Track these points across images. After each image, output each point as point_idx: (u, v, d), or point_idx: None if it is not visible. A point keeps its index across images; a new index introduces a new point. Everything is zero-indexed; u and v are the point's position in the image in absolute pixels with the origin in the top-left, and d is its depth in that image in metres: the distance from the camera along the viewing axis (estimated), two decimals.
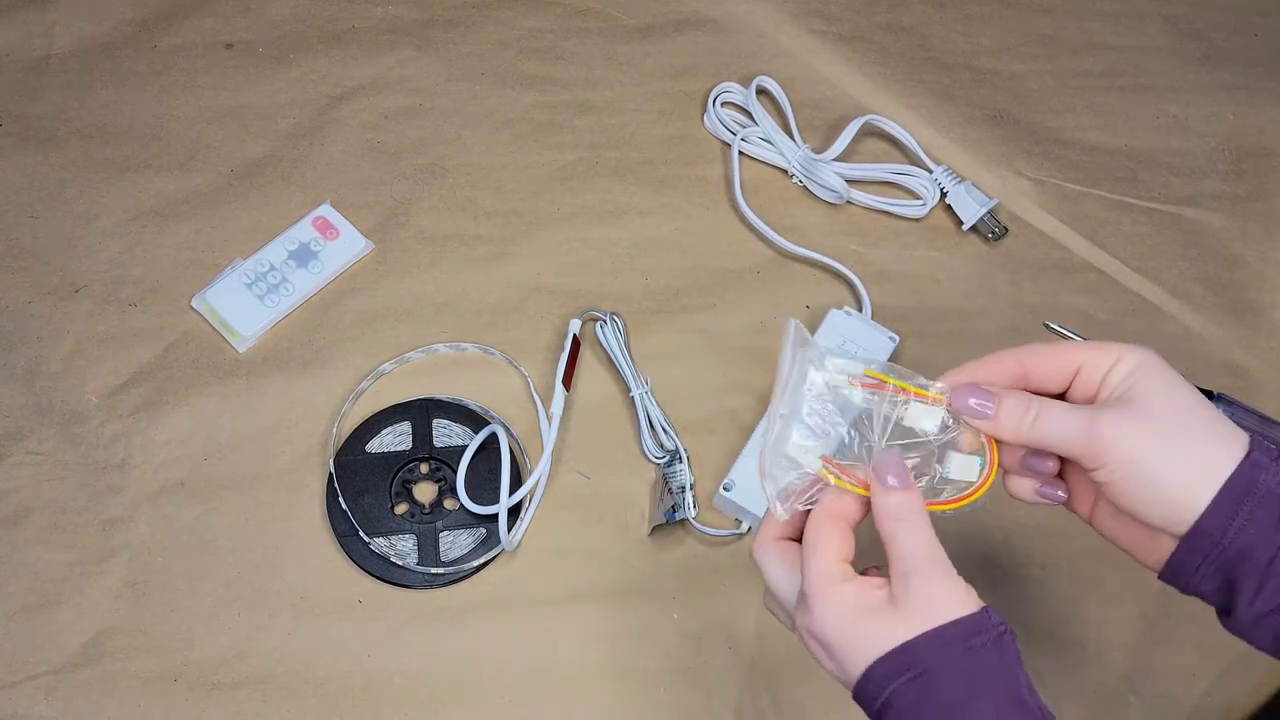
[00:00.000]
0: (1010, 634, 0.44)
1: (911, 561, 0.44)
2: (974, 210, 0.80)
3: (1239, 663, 0.70)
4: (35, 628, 0.64)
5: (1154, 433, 0.44)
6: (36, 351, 0.71)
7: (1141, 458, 0.44)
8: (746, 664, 0.67)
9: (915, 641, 0.42)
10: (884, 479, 0.46)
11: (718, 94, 0.83)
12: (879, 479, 0.46)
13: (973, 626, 0.43)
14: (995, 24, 0.91)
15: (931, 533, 0.45)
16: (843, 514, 0.47)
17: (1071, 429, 0.45)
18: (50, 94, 0.80)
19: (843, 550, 0.46)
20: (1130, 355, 0.46)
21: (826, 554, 0.45)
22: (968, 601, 0.44)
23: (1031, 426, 0.46)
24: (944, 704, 0.42)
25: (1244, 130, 0.88)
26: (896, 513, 0.45)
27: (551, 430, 0.70)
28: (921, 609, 0.43)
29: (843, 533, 0.46)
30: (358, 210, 0.78)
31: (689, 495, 0.69)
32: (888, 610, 0.44)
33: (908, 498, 0.45)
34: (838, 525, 0.46)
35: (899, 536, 0.45)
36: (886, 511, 0.45)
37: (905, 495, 0.45)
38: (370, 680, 0.64)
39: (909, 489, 0.46)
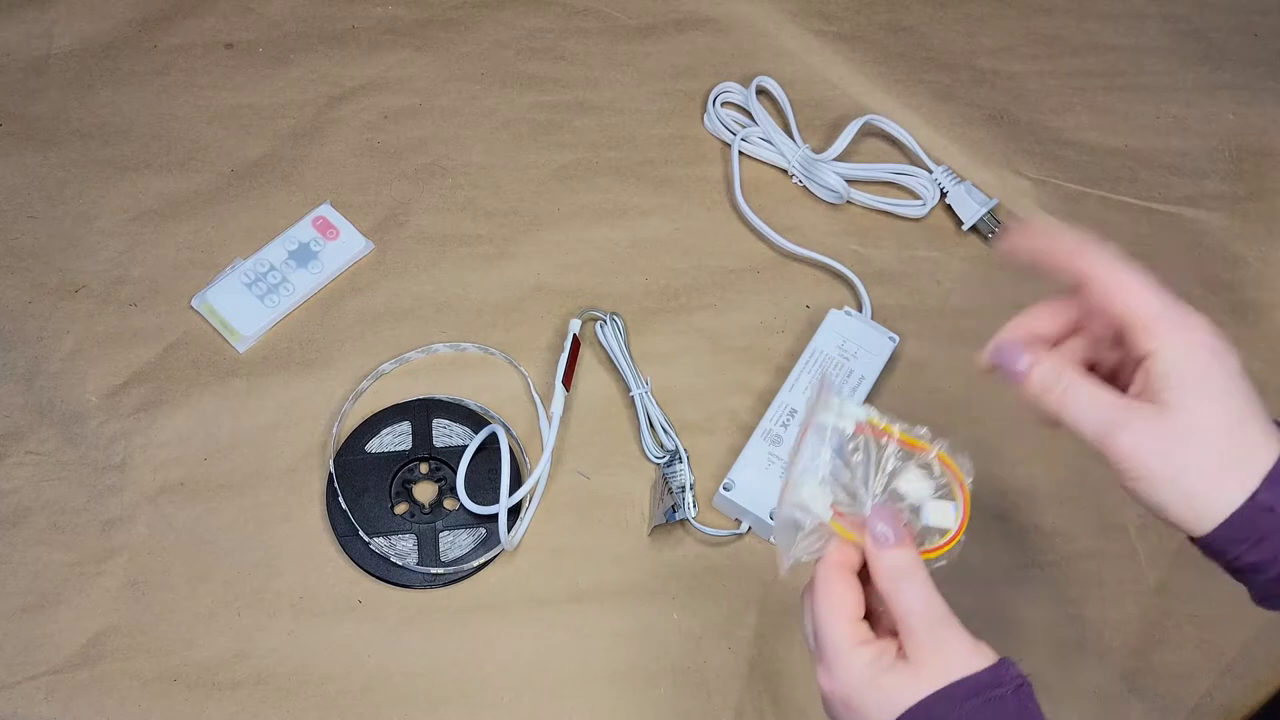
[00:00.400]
0: (1028, 684, 0.44)
1: (916, 619, 0.44)
2: (974, 210, 0.80)
3: (1239, 663, 0.70)
4: (35, 628, 0.64)
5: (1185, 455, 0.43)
6: (36, 351, 0.71)
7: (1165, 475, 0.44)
8: (746, 664, 0.67)
9: (934, 697, 0.43)
10: (877, 536, 0.46)
11: (718, 94, 0.83)
12: (873, 537, 0.46)
13: (991, 680, 0.43)
14: (995, 24, 0.91)
15: (931, 587, 0.45)
16: (847, 563, 0.47)
17: (1091, 425, 0.45)
18: (50, 94, 0.80)
19: (855, 608, 0.46)
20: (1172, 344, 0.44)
21: (841, 616, 0.46)
22: (980, 653, 0.44)
23: (1057, 399, 0.46)
24: None
25: (1244, 130, 0.88)
26: (893, 572, 0.45)
27: (551, 430, 0.70)
28: (936, 665, 0.43)
29: (852, 585, 0.46)
30: (358, 210, 0.78)
31: (689, 495, 0.69)
32: (903, 669, 0.44)
33: (903, 555, 0.45)
34: (845, 577, 0.46)
35: (898, 596, 0.45)
36: (882, 571, 0.45)
37: (900, 552, 0.45)
38: (370, 680, 0.64)
39: (903, 545, 0.46)
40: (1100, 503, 0.73)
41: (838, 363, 0.73)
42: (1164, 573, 0.72)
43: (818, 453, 0.49)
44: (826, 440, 0.49)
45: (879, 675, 0.44)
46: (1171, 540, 0.73)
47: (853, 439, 0.49)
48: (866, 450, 0.49)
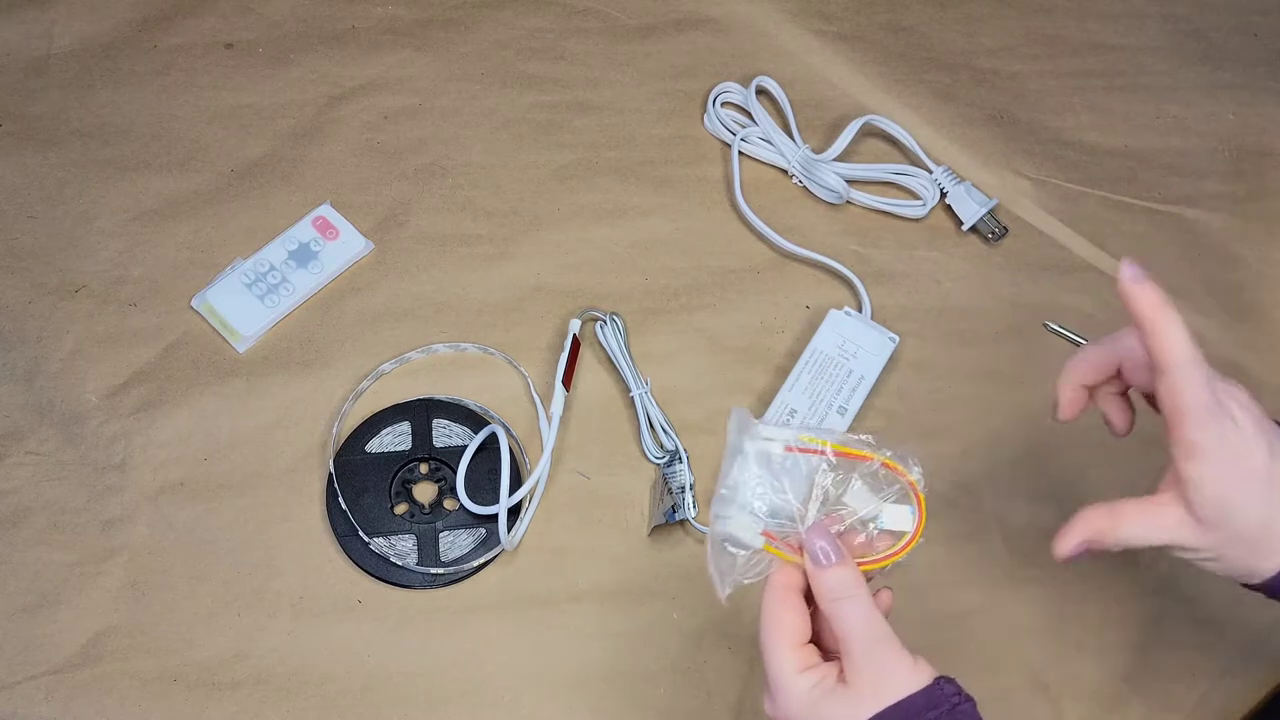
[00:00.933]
0: (964, 702, 0.44)
1: (856, 640, 0.44)
2: (974, 210, 0.80)
3: (1239, 663, 0.70)
4: (35, 628, 0.64)
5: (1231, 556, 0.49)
6: (36, 351, 0.71)
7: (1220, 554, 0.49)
8: (746, 664, 0.67)
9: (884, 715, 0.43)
10: (815, 555, 0.46)
11: (718, 94, 0.83)
12: (810, 555, 0.46)
13: (925, 701, 0.43)
14: (995, 24, 0.91)
15: (872, 607, 0.45)
16: (791, 585, 0.47)
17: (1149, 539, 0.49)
18: (50, 94, 0.80)
19: (799, 633, 0.47)
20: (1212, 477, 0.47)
21: (783, 643, 0.46)
22: (918, 674, 0.44)
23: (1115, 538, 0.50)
24: None
25: (1244, 130, 0.88)
26: (833, 591, 0.45)
27: (551, 430, 0.70)
28: (873, 687, 0.44)
29: (794, 609, 0.47)
30: (358, 210, 0.78)
31: (689, 495, 0.69)
32: (841, 694, 0.44)
33: (842, 573, 0.46)
34: (789, 600, 0.47)
35: (841, 615, 0.45)
36: (824, 590, 0.46)
37: (840, 571, 0.46)
38: (370, 680, 0.65)
39: (843, 563, 0.46)
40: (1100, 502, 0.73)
41: (838, 363, 0.73)
42: (1164, 573, 0.72)
43: (742, 480, 0.49)
44: (751, 466, 0.49)
45: (818, 703, 0.44)
46: None
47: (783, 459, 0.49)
48: (797, 470, 0.49)
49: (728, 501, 0.49)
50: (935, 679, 0.44)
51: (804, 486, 0.49)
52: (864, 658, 0.44)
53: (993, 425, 0.75)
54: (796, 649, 0.46)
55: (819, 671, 0.45)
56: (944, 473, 0.73)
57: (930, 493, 0.72)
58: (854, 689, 0.44)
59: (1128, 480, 0.75)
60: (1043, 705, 0.67)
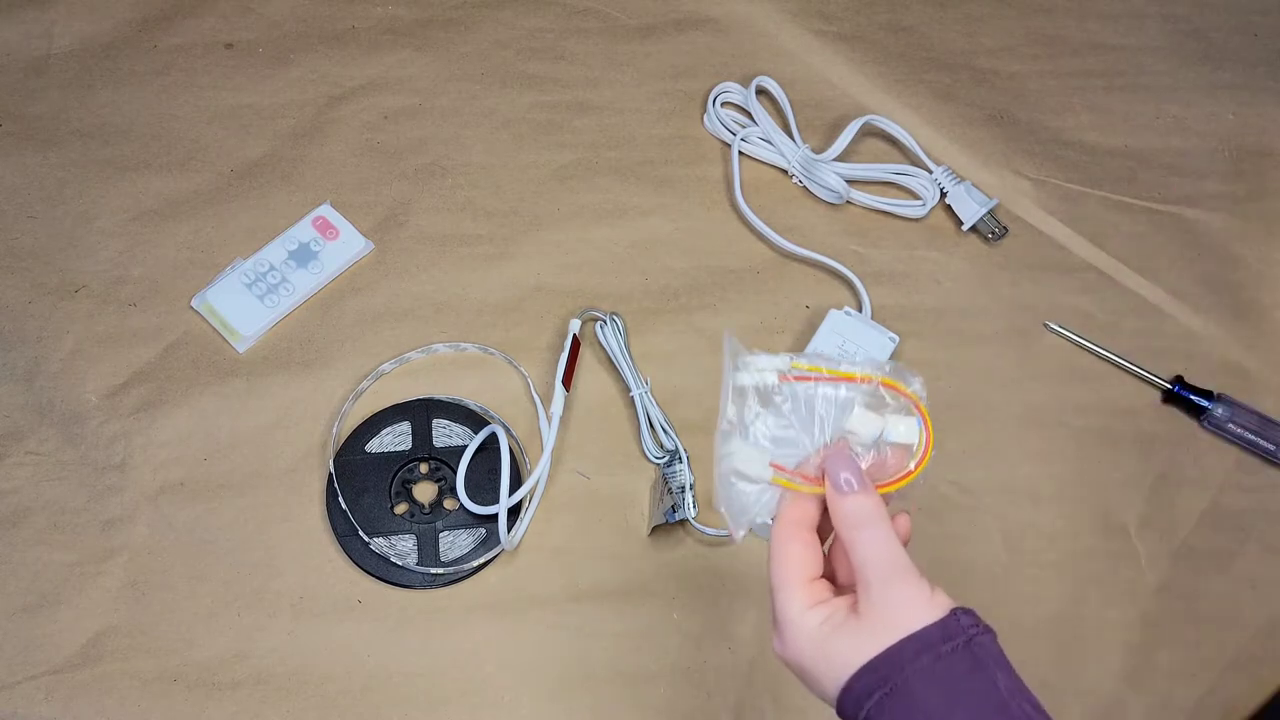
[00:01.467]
0: (983, 634, 0.42)
1: (874, 569, 0.43)
2: (974, 210, 0.80)
3: (1239, 663, 0.70)
4: (35, 628, 0.64)
5: None
6: (36, 351, 0.71)
7: None
8: (746, 664, 0.67)
9: (883, 657, 0.41)
10: (838, 482, 0.44)
11: (718, 94, 0.83)
12: (833, 482, 0.44)
13: (940, 633, 0.41)
14: (995, 24, 0.91)
15: (892, 535, 0.43)
16: (803, 520, 0.45)
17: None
18: (50, 94, 0.80)
19: (809, 568, 0.45)
20: None
21: (793, 579, 0.44)
22: (934, 606, 0.42)
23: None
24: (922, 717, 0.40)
25: (1244, 130, 0.88)
26: (854, 519, 0.44)
27: (551, 430, 0.70)
28: (887, 620, 0.42)
29: (806, 545, 0.45)
30: (358, 210, 0.78)
31: (689, 495, 0.69)
32: (853, 628, 0.42)
33: (865, 501, 0.44)
34: (800, 536, 0.45)
35: (860, 543, 0.43)
36: (843, 517, 0.44)
37: (862, 498, 0.44)
38: (370, 680, 0.64)
39: (865, 490, 0.44)
40: (1100, 503, 0.73)
41: None
42: (1164, 573, 0.72)
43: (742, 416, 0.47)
44: (750, 400, 0.47)
45: (828, 639, 0.43)
46: (1171, 540, 0.73)
47: (779, 390, 0.47)
48: (796, 399, 0.48)
49: (729, 436, 0.47)
50: (952, 610, 0.42)
51: (806, 414, 0.47)
52: (880, 588, 0.42)
53: (993, 425, 0.75)
54: (805, 584, 0.44)
55: (829, 606, 0.44)
56: (944, 473, 0.73)
57: (930, 492, 0.73)
58: (867, 621, 0.42)
59: (1128, 480, 0.75)
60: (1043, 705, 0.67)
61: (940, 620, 0.42)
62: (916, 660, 0.41)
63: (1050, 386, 0.77)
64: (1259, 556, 0.73)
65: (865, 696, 0.41)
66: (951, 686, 0.40)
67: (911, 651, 0.41)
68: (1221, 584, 0.72)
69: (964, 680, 0.41)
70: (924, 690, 0.40)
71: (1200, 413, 0.76)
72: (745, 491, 0.47)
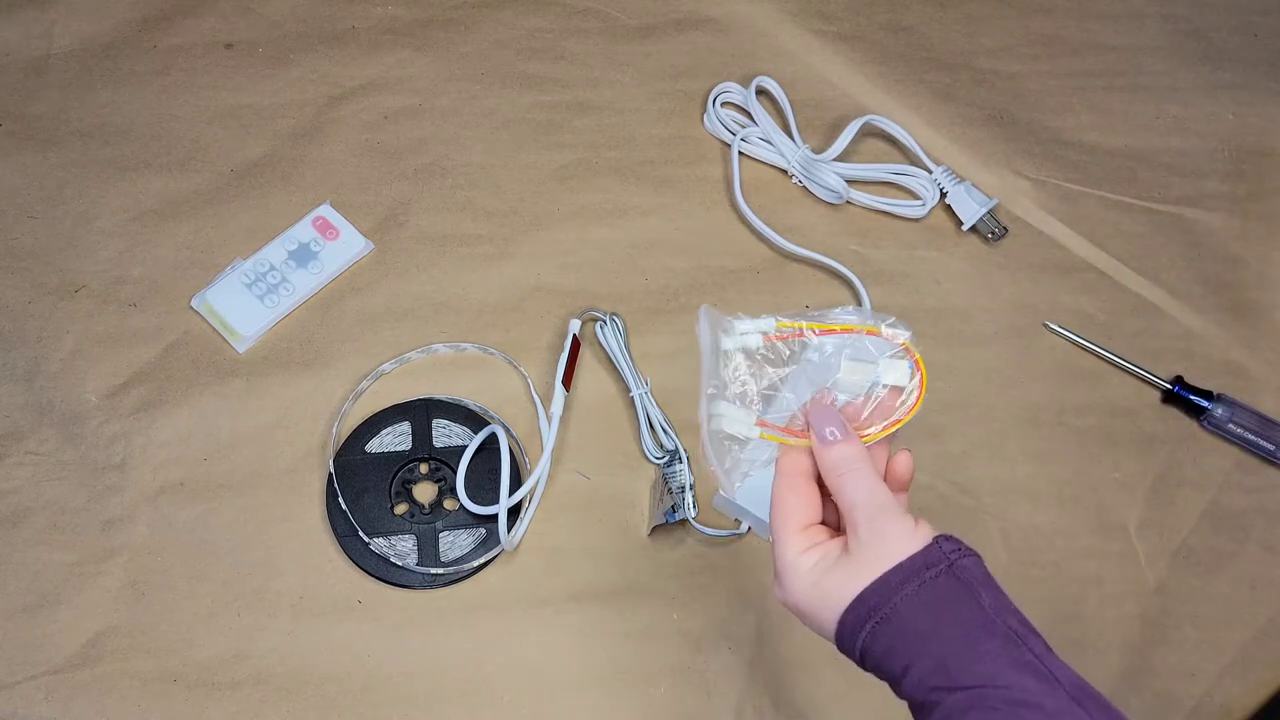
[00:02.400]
0: (964, 557, 0.44)
1: (860, 510, 0.45)
2: (974, 210, 0.80)
3: (1239, 663, 0.70)
4: (35, 628, 0.64)
5: None
6: (36, 351, 0.71)
7: None
8: (746, 664, 0.67)
9: (871, 588, 0.43)
10: (822, 433, 0.47)
11: (718, 94, 0.83)
12: (817, 434, 0.47)
13: (923, 561, 0.44)
14: (995, 24, 0.91)
15: (876, 478, 0.46)
16: (800, 470, 0.48)
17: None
18: (50, 94, 0.80)
19: (807, 515, 0.47)
20: None
21: (790, 526, 0.47)
22: (918, 537, 0.44)
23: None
24: (913, 639, 0.43)
25: (1244, 130, 0.88)
26: (838, 465, 0.46)
27: (551, 430, 0.70)
28: (876, 555, 0.44)
29: (802, 494, 0.47)
30: (357, 210, 0.78)
31: (689, 495, 0.69)
32: (844, 565, 0.45)
33: (847, 448, 0.46)
34: (798, 485, 0.47)
35: (845, 488, 0.46)
36: (829, 466, 0.46)
37: (845, 446, 0.46)
38: (370, 680, 0.64)
39: (848, 438, 0.47)
40: (1100, 503, 0.73)
41: None
42: (1164, 573, 0.72)
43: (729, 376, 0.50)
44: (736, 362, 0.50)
45: (822, 578, 0.45)
46: (1171, 540, 0.73)
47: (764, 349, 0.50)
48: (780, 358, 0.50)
49: (716, 399, 0.49)
50: (934, 538, 0.44)
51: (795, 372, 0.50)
52: (867, 526, 0.44)
53: (993, 425, 0.75)
54: (801, 531, 0.46)
55: (821, 549, 0.46)
56: (944, 473, 0.73)
57: (930, 492, 0.73)
58: (856, 558, 0.44)
59: (1128, 480, 0.75)
60: None
61: (923, 549, 0.44)
62: (903, 588, 0.43)
63: (1050, 386, 0.77)
64: (1259, 556, 0.73)
65: (859, 627, 0.44)
66: (937, 608, 0.43)
67: (897, 580, 0.43)
68: (1221, 584, 0.72)
69: (948, 602, 0.43)
70: (911, 615, 0.43)
71: (1200, 413, 0.76)
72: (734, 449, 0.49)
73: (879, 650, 0.43)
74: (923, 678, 0.42)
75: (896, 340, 0.49)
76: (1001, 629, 0.42)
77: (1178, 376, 0.77)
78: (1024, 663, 0.42)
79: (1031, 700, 0.40)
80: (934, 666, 0.42)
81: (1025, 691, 0.41)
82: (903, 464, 0.49)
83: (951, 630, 0.42)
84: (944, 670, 0.42)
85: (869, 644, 0.44)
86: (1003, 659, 0.42)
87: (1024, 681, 0.41)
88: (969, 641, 0.42)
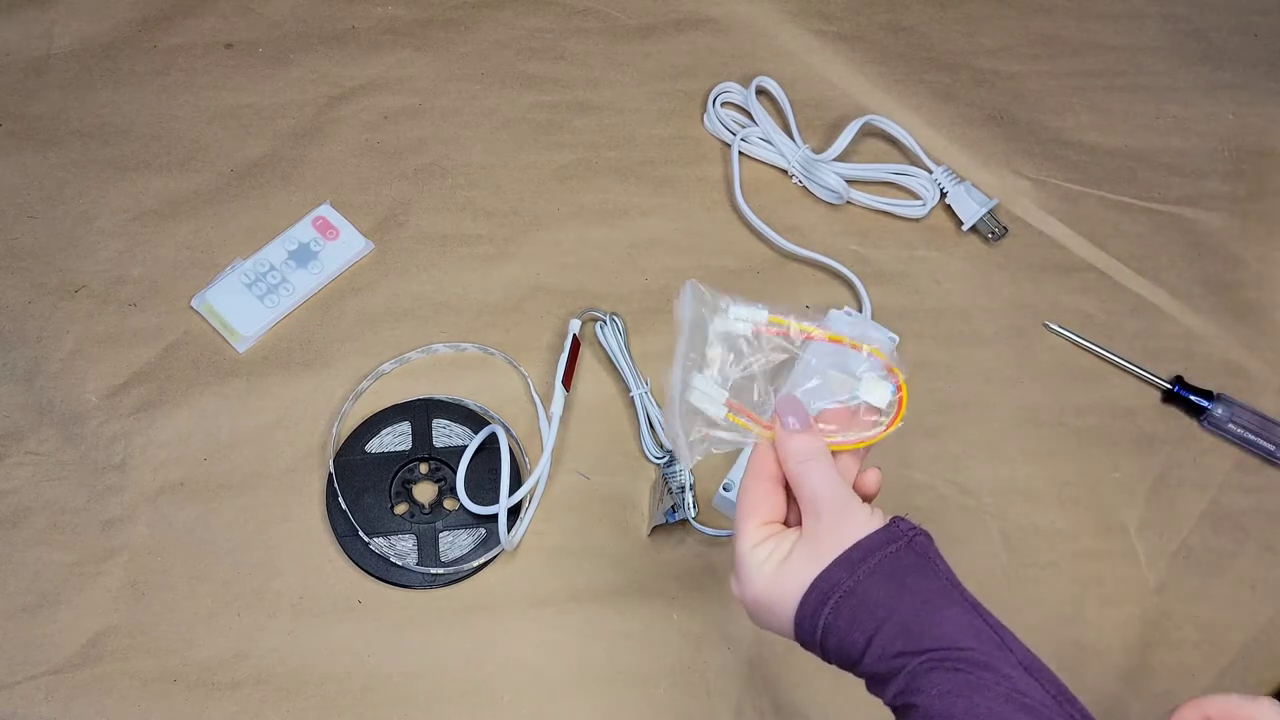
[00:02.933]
0: (920, 535, 0.46)
1: (819, 499, 0.46)
2: (974, 210, 0.80)
3: (1239, 663, 0.70)
4: (35, 628, 0.64)
5: None
6: (36, 351, 0.71)
7: None
8: (746, 664, 0.67)
9: (834, 564, 0.45)
10: (785, 421, 0.48)
11: (718, 94, 0.83)
12: (781, 422, 0.48)
13: (885, 537, 0.45)
14: (995, 24, 0.91)
15: (834, 470, 0.47)
16: (769, 473, 0.48)
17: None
18: (50, 94, 0.80)
19: (770, 512, 0.48)
20: None
21: (749, 520, 0.48)
22: (874, 520, 0.46)
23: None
24: (877, 608, 0.44)
25: (1244, 130, 0.88)
26: (799, 454, 0.47)
27: (551, 430, 0.70)
28: (835, 537, 0.45)
29: (765, 493, 0.48)
30: (358, 210, 0.78)
31: (689, 495, 0.69)
32: (803, 549, 0.46)
33: (809, 439, 0.48)
34: (764, 484, 0.48)
35: (804, 477, 0.47)
36: (790, 454, 0.48)
37: (807, 437, 0.48)
38: (370, 680, 0.64)
39: (810, 431, 0.48)
40: (1100, 503, 0.73)
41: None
42: (1164, 573, 0.72)
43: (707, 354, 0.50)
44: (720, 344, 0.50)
45: (780, 566, 0.46)
46: (1171, 540, 0.73)
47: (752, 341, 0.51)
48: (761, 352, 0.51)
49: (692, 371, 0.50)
50: (892, 519, 0.46)
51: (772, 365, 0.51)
52: (827, 513, 0.46)
53: (993, 425, 0.75)
54: (760, 527, 0.48)
55: (776, 539, 0.47)
56: (944, 473, 0.73)
57: (930, 492, 0.73)
58: (814, 542, 0.46)
59: (1128, 480, 0.75)
60: None
61: (883, 527, 0.46)
62: (865, 562, 0.45)
63: (1050, 386, 0.77)
64: (1259, 556, 0.73)
65: (822, 604, 0.45)
66: (900, 578, 0.44)
67: (859, 556, 0.45)
68: (1221, 584, 0.72)
69: (910, 571, 0.45)
70: (875, 587, 0.44)
71: (1200, 413, 0.76)
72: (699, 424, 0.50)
73: (842, 625, 0.44)
74: (886, 645, 0.44)
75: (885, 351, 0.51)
76: (958, 598, 0.44)
77: (1178, 376, 0.77)
78: (982, 630, 0.44)
79: (992, 664, 0.42)
80: (897, 632, 0.43)
81: (985, 655, 0.43)
82: (871, 479, 0.50)
83: (913, 597, 0.44)
84: (907, 634, 0.43)
85: (831, 620, 0.44)
86: (963, 624, 0.44)
87: (984, 646, 0.43)
88: (931, 606, 0.44)
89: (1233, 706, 0.47)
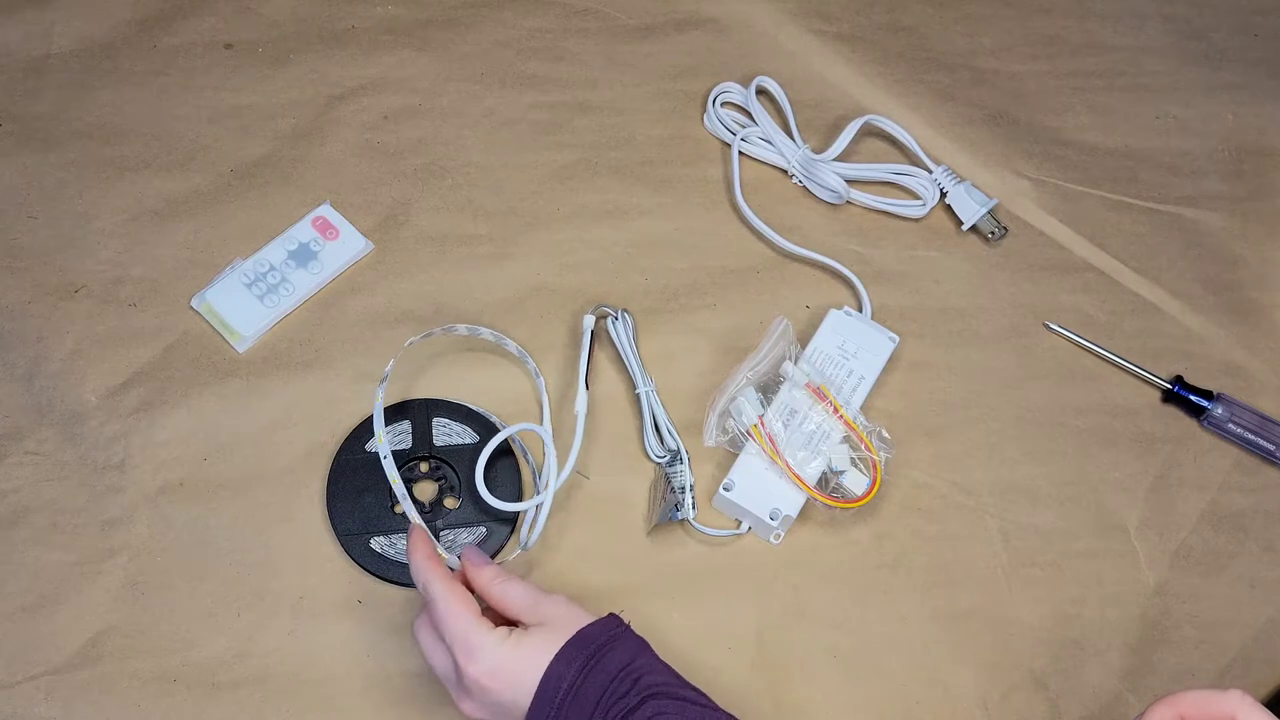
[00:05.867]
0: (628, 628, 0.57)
1: (529, 600, 0.56)
2: (974, 210, 0.80)
3: (1238, 663, 0.70)
4: (35, 628, 0.64)
5: None
6: (36, 351, 0.71)
7: None
8: (746, 664, 0.67)
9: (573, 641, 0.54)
10: (474, 561, 0.59)
11: (718, 94, 0.83)
12: (471, 563, 0.59)
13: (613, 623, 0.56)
14: (995, 24, 0.91)
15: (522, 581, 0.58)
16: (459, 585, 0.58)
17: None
18: (50, 94, 0.80)
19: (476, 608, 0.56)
20: None
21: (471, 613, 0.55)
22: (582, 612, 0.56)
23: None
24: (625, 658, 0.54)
25: (1244, 130, 0.88)
26: (491, 580, 0.58)
27: (578, 430, 0.69)
28: (559, 624, 0.55)
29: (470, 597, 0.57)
30: (358, 210, 0.78)
31: (689, 495, 0.69)
32: (533, 635, 0.54)
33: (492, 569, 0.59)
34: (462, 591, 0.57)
35: (503, 594, 0.57)
36: (485, 582, 0.58)
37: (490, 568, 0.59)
38: (370, 680, 0.64)
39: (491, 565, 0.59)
40: (1100, 503, 0.73)
41: (838, 362, 0.73)
42: (1164, 573, 0.72)
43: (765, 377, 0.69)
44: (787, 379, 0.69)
45: (518, 645, 0.54)
46: (1171, 540, 0.73)
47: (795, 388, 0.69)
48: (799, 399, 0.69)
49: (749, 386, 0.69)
50: (609, 614, 0.57)
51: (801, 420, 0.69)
52: (536, 610, 0.56)
53: (993, 425, 0.75)
54: (481, 616, 0.56)
55: (505, 628, 0.55)
56: (944, 473, 0.73)
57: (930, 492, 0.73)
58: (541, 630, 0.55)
59: (1127, 480, 0.75)
60: (1042, 705, 0.67)
61: (603, 619, 0.56)
62: (600, 638, 0.55)
63: (1050, 386, 0.77)
64: (1259, 556, 0.73)
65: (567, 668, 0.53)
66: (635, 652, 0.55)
67: (595, 634, 0.55)
68: (1221, 584, 0.72)
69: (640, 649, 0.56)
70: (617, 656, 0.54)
71: (1200, 413, 0.76)
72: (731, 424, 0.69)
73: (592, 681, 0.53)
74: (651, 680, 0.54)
75: (878, 455, 0.68)
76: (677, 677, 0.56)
77: (1178, 376, 0.77)
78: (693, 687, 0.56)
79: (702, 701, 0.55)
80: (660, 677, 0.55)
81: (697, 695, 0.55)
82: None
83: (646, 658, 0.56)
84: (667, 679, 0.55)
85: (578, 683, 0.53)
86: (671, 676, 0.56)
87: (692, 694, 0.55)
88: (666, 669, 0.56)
89: (1204, 700, 0.48)
